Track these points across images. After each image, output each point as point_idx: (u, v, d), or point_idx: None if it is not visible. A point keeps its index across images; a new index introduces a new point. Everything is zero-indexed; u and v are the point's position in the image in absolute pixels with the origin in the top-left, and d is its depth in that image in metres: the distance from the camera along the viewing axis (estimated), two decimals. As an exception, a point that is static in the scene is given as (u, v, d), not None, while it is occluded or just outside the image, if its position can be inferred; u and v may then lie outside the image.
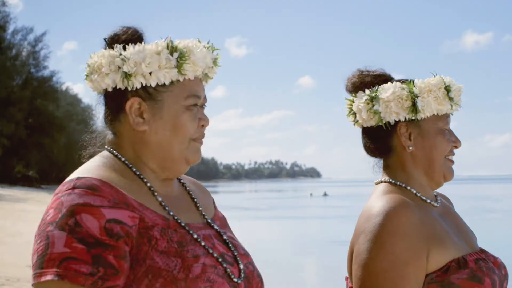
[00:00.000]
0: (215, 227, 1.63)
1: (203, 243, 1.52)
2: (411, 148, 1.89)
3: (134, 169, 1.57)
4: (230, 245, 1.60)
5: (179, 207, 1.61)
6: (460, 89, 1.92)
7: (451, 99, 1.90)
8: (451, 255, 1.77)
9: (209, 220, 1.64)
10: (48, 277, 1.34)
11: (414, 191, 1.89)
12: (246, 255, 1.63)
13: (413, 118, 1.88)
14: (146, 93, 1.56)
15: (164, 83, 1.56)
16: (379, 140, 1.95)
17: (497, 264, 1.85)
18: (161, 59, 1.54)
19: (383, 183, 1.93)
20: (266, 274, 1.71)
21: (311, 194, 70.22)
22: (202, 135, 1.63)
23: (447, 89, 1.90)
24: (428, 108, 1.87)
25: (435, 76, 1.92)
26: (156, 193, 1.56)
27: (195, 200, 1.68)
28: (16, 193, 33.63)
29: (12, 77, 44.80)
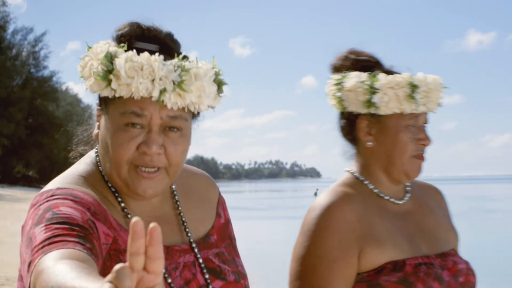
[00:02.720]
0: (198, 255, 1.46)
1: (169, 280, 1.38)
2: (369, 143, 1.82)
3: (110, 185, 1.43)
4: (207, 276, 1.45)
5: (161, 229, 1.45)
6: (431, 91, 1.78)
7: (414, 99, 1.76)
8: (388, 256, 1.72)
9: (193, 244, 1.48)
10: (35, 261, 1.15)
11: (371, 187, 1.84)
12: (236, 281, 1.49)
13: (373, 112, 1.79)
14: (99, 98, 1.43)
15: (109, 96, 1.35)
16: (347, 127, 1.88)
17: (454, 271, 1.78)
18: (96, 68, 1.34)
19: (347, 173, 1.89)
20: (265, 274, 1.72)
21: (315, 194, 69.92)
22: (146, 163, 1.36)
23: (412, 89, 1.77)
24: (388, 105, 1.77)
25: (407, 73, 1.80)
26: (129, 215, 1.41)
27: (183, 218, 1.51)
28: (16, 193, 33.62)
29: (12, 77, 44.77)
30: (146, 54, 1.32)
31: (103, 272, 1.28)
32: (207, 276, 1.45)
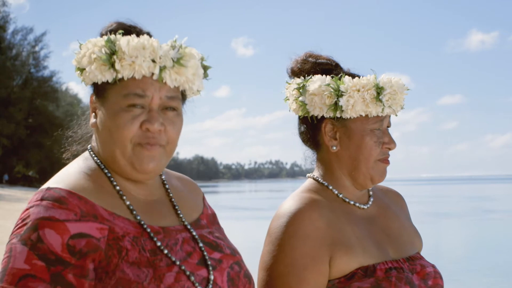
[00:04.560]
0: (192, 231, 1.56)
1: (165, 251, 1.45)
2: (334, 148, 1.81)
3: (106, 171, 1.52)
4: (203, 249, 1.53)
5: (158, 211, 1.55)
6: (396, 93, 1.78)
7: (380, 101, 1.76)
8: (358, 262, 1.70)
9: (186, 224, 1.57)
10: None
11: (336, 192, 1.82)
12: (232, 254, 1.58)
13: (339, 116, 1.78)
14: (95, 89, 1.52)
15: (108, 81, 1.46)
16: (309, 132, 1.87)
17: (423, 274, 1.77)
18: (99, 52, 1.45)
19: (309, 179, 1.88)
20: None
21: None
22: (149, 140, 1.47)
23: (378, 91, 1.76)
24: (355, 108, 1.75)
25: (371, 75, 1.79)
26: (124, 197, 1.50)
27: (175, 203, 1.60)
28: (16, 193, 33.65)
29: (12, 77, 44.82)
30: (145, 35, 1.46)
31: (107, 261, 1.38)
32: (203, 248, 1.53)
